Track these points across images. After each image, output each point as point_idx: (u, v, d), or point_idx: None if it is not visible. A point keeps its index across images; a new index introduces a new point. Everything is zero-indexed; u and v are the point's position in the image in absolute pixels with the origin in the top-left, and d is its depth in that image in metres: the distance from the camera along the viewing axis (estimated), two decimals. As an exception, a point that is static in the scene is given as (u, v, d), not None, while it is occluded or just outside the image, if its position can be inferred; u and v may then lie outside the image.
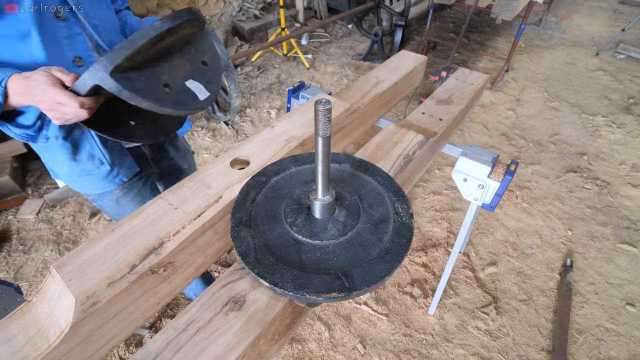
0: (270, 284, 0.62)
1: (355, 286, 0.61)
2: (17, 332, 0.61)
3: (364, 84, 1.36)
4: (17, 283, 1.89)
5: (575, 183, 2.52)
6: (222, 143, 2.87)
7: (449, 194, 2.45)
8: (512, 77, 3.70)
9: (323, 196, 0.71)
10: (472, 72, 1.58)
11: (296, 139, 1.01)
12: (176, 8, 3.84)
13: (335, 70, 3.81)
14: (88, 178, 1.09)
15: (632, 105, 3.28)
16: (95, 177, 1.09)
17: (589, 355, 1.65)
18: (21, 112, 0.91)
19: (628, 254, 2.07)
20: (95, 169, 1.07)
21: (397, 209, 0.76)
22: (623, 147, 2.82)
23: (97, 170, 1.08)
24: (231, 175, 0.89)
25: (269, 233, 0.72)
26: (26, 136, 0.94)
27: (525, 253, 2.08)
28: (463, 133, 2.98)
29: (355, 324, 1.77)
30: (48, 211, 2.31)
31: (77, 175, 1.07)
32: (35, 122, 0.93)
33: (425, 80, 3.61)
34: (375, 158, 1.05)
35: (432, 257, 2.06)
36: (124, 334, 0.69)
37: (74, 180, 1.10)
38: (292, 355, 1.67)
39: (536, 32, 4.63)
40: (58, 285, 0.63)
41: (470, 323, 1.77)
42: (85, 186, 1.12)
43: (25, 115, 0.91)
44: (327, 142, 0.62)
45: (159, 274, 0.70)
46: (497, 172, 1.18)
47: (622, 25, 4.58)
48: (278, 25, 4.25)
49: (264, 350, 0.72)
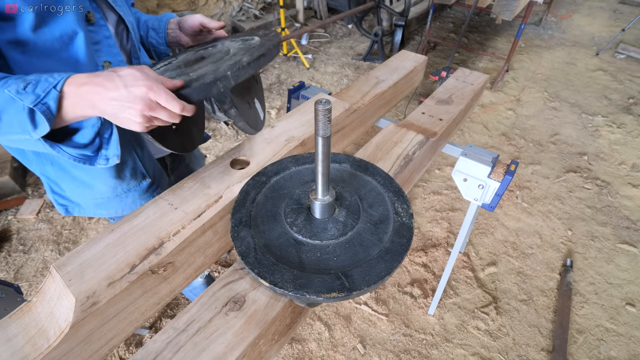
0: (270, 284, 0.62)
1: (355, 286, 0.61)
2: (17, 332, 0.61)
3: (364, 84, 1.36)
4: (17, 283, 1.89)
5: (575, 183, 2.52)
6: (222, 143, 2.87)
7: (449, 194, 2.44)
8: (512, 77, 3.70)
9: (323, 196, 0.71)
10: (472, 72, 1.58)
11: (296, 139, 1.01)
12: (176, 8, 3.84)
13: (335, 70, 3.81)
14: (127, 195, 1.00)
15: (632, 105, 3.28)
16: (134, 193, 1.01)
17: (589, 355, 1.65)
18: (76, 129, 0.78)
19: (628, 254, 2.07)
20: (137, 185, 1.00)
21: (397, 209, 0.76)
22: (623, 147, 2.82)
23: (138, 187, 1.00)
24: (231, 175, 0.89)
25: (269, 233, 0.72)
26: (83, 158, 0.78)
27: (525, 253, 2.08)
28: (463, 133, 2.98)
29: (355, 324, 1.77)
30: (48, 211, 2.31)
31: (117, 195, 0.98)
32: (93, 140, 0.80)
33: (425, 80, 3.61)
34: (375, 158, 1.05)
35: (432, 257, 2.06)
36: (124, 334, 0.69)
37: (110, 202, 0.99)
38: (292, 355, 1.67)
39: (536, 32, 4.62)
40: (58, 285, 0.63)
41: (470, 323, 1.77)
42: (122, 206, 1.02)
43: (81, 132, 0.78)
44: (327, 142, 0.62)
45: (159, 274, 0.70)
46: (497, 172, 1.18)
47: (622, 25, 4.58)
48: (278, 25, 4.25)
49: (264, 350, 0.72)
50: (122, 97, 0.61)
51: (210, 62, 0.79)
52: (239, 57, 0.75)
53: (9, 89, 0.59)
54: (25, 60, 0.71)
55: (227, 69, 0.70)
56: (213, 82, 0.69)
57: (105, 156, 0.83)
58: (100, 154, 0.82)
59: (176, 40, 1.03)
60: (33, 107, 0.59)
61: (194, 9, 4.03)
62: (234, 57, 0.77)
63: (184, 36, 1.02)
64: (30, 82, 0.60)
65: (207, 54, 0.88)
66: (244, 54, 0.78)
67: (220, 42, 0.96)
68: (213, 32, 1.02)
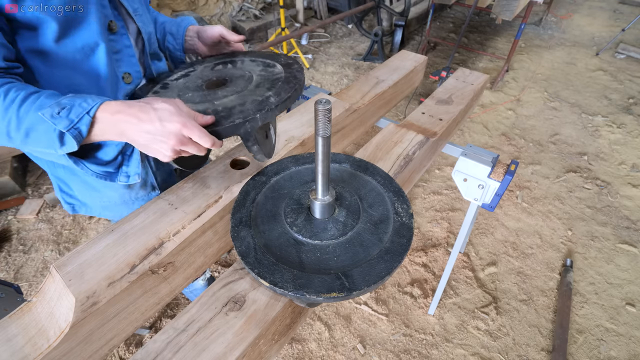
0: (270, 284, 0.62)
1: (355, 286, 0.61)
2: (17, 332, 0.61)
3: (364, 84, 1.36)
4: (17, 283, 1.89)
5: (575, 183, 2.52)
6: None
7: (449, 194, 2.45)
8: (512, 77, 3.70)
9: (323, 196, 0.71)
10: (472, 72, 1.58)
11: (296, 139, 1.01)
12: (176, 8, 3.84)
13: (335, 70, 3.81)
14: (135, 203, 1.01)
15: (632, 105, 3.28)
16: (142, 202, 1.02)
17: (589, 355, 1.65)
18: (100, 146, 0.79)
19: (628, 254, 2.07)
20: (146, 195, 1.01)
21: (397, 209, 0.76)
22: (623, 147, 2.82)
23: (146, 196, 1.01)
24: (231, 175, 0.89)
25: (269, 233, 0.72)
26: (104, 174, 0.80)
27: (525, 253, 2.08)
28: (463, 133, 2.98)
29: (355, 324, 1.77)
30: (48, 211, 2.31)
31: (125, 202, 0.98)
32: (116, 157, 0.81)
33: (425, 80, 3.61)
34: (375, 158, 1.05)
35: (432, 257, 2.06)
36: (124, 334, 0.69)
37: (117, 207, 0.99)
38: (292, 355, 1.67)
39: (536, 32, 4.62)
40: (58, 285, 0.63)
41: (470, 323, 1.77)
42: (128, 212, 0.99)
43: (105, 150, 0.79)
44: (327, 142, 0.62)
45: (159, 274, 0.70)
46: (497, 172, 1.18)
47: (622, 25, 4.58)
48: (278, 25, 4.25)
49: (264, 350, 0.72)
50: (156, 131, 0.63)
51: (235, 91, 0.82)
52: (263, 92, 0.79)
53: (44, 112, 0.60)
54: (46, 70, 0.71)
55: (255, 109, 0.74)
56: (242, 123, 0.72)
57: (126, 173, 0.84)
58: (120, 171, 0.84)
59: (193, 49, 1.03)
60: (66, 131, 0.60)
61: (194, 9, 4.03)
62: (258, 91, 0.81)
63: (201, 46, 1.02)
64: (64, 107, 0.61)
65: (228, 76, 0.90)
66: (269, 87, 0.81)
67: (240, 60, 0.98)
68: (232, 45, 1.02)
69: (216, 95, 0.82)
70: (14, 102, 0.60)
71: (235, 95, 0.81)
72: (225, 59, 0.99)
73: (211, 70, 0.94)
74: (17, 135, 0.62)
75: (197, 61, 1.00)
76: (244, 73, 0.90)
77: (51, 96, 0.63)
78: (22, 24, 0.64)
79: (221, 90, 0.84)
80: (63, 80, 0.73)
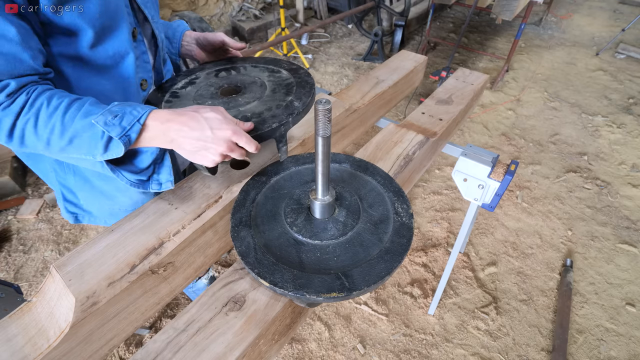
0: (270, 284, 0.62)
1: (355, 286, 0.61)
2: (17, 332, 0.61)
3: (364, 84, 1.36)
4: (17, 283, 1.89)
5: (575, 183, 2.52)
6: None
7: (449, 194, 2.44)
8: (512, 77, 3.70)
9: (323, 196, 0.71)
10: (472, 72, 1.58)
11: (296, 139, 1.01)
12: (176, 8, 3.84)
13: (335, 70, 3.81)
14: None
15: (632, 105, 3.28)
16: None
17: (589, 355, 1.65)
18: (136, 153, 0.78)
19: (628, 254, 2.07)
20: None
21: (397, 209, 0.76)
22: (623, 147, 2.82)
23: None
24: (231, 175, 0.89)
25: (269, 233, 0.72)
26: (138, 182, 0.79)
27: (525, 253, 2.08)
28: (463, 133, 2.98)
29: (355, 324, 1.77)
30: (48, 211, 2.31)
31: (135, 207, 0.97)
32: (149, 165, 0.81)
33: (425, 80, 3.61)
34: (375, 158, 1.05)
35: (432, 257, 2.06)
36: (124, 334, 0.69)
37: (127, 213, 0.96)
38: (292, 355, 1.67)
39: (536, 32, 4.62)
40: (58, 285, 0.63)
41: (470, 323, 1.77)
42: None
43: (141, 157, 0.78)
44: (327, 142, 0.62)
45: (159, 274, 0.70)
46: (497, 172, 1.18)
47: (622, 25, 4.57)
48: (278, 25, 4.25)
49: (264, 350, 0.72)
50: (207, 139, 0.66)
51: (255, 98, 0.86)
52: (282, 97, 0.85)
53: (96, 119, 0.61)
54: (75, 75, 0.72)
55: (285, 114, 0.80)
56: (278, 127, 0.78)
57: (158, 181, 0.84)
58: (152, 179, 0.84)
59: (190, 54, 1.03)
60: (118, 138, 0.61)
61: (194, 9, 4.03)
62: (276, 96, 0.87)
63: (199, 52, 1.02)
64: (116, 115, 0.62)
65: (240, 83, 0.92)
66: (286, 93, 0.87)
67: (241, 66, 0.99)
68: (230, 52, 1.03)
69: (238, 102, 0.85)
70: (58, 109, 0.61)
71: (256, 101, 0.85)
72: (225, 65, 1.00)
73: (217, 77, 0.94)
74: (58, 142, 0.62)
75: (195, 68, 1.00)
76: (254, 79, 0.93)
77: (95, 104, 0.64)
78: (60, 29, 0.65)
79: (240, 97, 0.87)
80: (91, 85, 0.74)
